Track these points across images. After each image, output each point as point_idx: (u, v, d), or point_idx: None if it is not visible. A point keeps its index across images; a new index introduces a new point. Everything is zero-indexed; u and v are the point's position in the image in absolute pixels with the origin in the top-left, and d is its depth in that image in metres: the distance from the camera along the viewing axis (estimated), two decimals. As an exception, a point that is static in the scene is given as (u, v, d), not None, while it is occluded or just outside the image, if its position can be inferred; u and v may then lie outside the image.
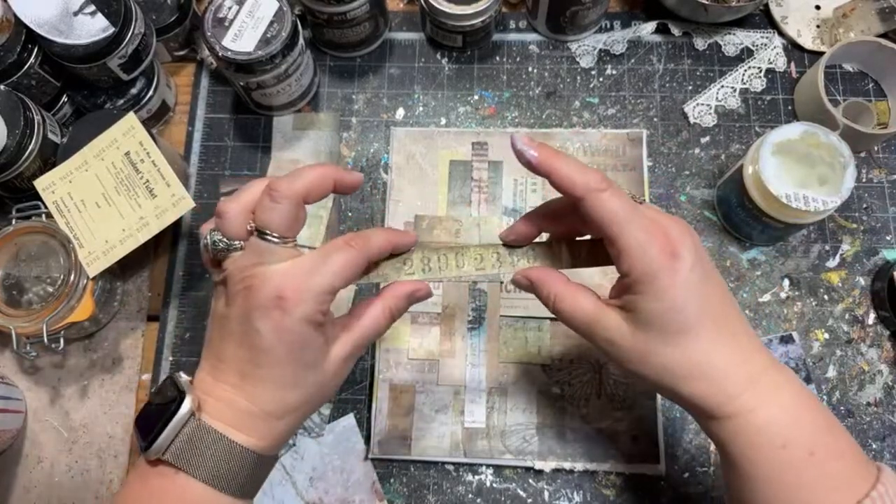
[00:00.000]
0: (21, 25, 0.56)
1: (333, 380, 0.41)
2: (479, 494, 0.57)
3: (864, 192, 0.64)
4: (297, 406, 0.40)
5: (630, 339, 0.38)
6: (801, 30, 0.68)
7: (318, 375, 0.39)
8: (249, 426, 0.38)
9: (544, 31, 0.69)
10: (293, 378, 0.38)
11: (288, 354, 0.38)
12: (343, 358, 0.40)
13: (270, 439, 0.39)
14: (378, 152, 0.67)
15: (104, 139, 0.58)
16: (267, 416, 0.38)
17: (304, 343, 0.38)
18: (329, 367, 0.40)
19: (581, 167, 0.37)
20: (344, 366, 0.41)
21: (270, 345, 0.37)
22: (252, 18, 0.58)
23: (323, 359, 0.39)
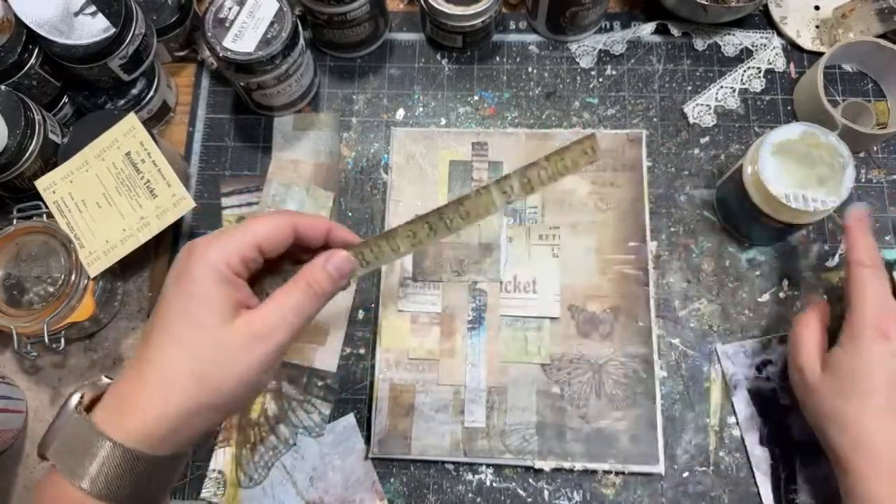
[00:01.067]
0: (22, 26, 0.56)
1: (234, 363, 0.34)
2: (479, 494, 0.57)
3: (863, 192, 0.64)
4: (181, 375, 0.34)
5: (817, 375, 0.48)
6: (800, 30, 0.68)
7: (209, 339, 0.34)
8: (131, 409, 0.34)
9: (544, 32, 0.69)
10: (179, 330, 0.34)
11: (176, 298, 0.35)
12: (246, 334, 0.35)
13: (152, 426, 0.33)
14: (378, 152, 0.67)
15: (105, 139, 0.58)
16: (150, 391, 0.34)
17: (197, 289, 0.34)
18: (226, 337, 0.34)
19: (871, 246, 0.49)
20: (250, 348, 0.35)
21: (165, 291, 0.35)
22: (252, 19, 0.58)
23: (216, 320, 0.34)
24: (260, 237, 0.36)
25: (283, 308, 0.36)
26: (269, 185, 0.65)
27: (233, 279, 0.36)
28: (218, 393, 0.34)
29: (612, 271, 0.61)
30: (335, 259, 0.38)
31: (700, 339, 0.60)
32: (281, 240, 0.38)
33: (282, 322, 0.36)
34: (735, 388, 0.58)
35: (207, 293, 0.35)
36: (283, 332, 0.36)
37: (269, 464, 0.58)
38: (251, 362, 0.35)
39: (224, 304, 0.35)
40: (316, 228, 0.39)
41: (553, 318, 0.59)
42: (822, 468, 0.56)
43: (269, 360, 0.35)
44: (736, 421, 0.58)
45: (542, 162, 0.40)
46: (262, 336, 0.35)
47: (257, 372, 0.35)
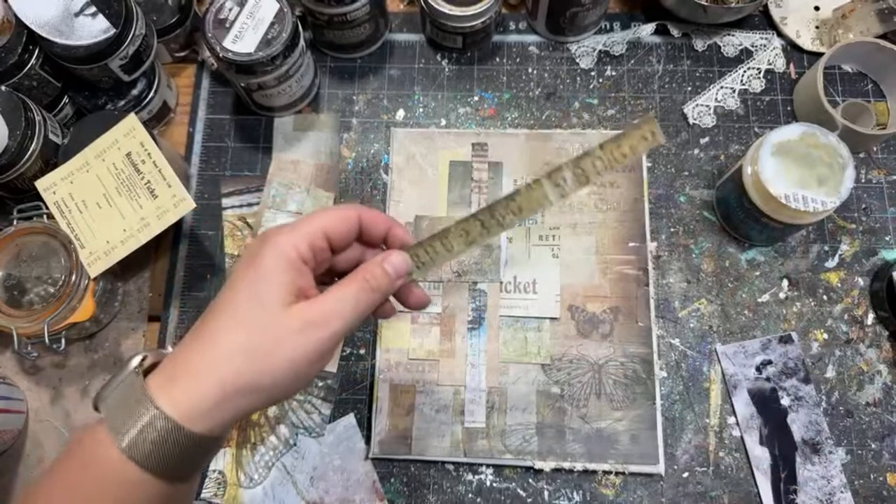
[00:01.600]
0: (22, 26, 0.56)
1: (287, 345, 0.35)
2: (479, 494, 0.57)
3: (862, 192, 0.64)
4: (235, 349, 0.34)
5: None
6: (800, 31, 0.69)
7: (267, 318, 0.35)
8: (182, 378, 0.34)
9: (544, 33, 0.69)
10: (241, 306, 0.35)
11: (243, 277, 0.36)
12: (302, 319, 0.35)
13: (197, 399, 0.33)
14: (378, 153, 0.67)
15: (105, 140, 0.58)
16: (204, 361, 0.34)
17: (264, 271, 0.35)
18: (284, 319, 0.35)
19: None
20: (305, 333, 0.35)
21: (235, 270, 0.36)
22: (253, 20, 0.58)
23: (277, 302, 0.35)
24: (327, 225, 0.37)
25: (339, 299, 0.36)
26: (270, 185, 0.65)
27: (299, 265, 0.36)
28: (267, 374, 0.34)
29: (612, 272, 0.61)
30: (392, 258, 0.39)
31: (700, 340, 0.60)
32: (347, 228, 0.38)
33: (337, 312, 0.36)
34: (735, 388, 0.58)
35: (273, 275, 0.35)
36: (337, 321, 0.36)
37: (269, 464, 0.58)
38: (304, 347, 0.35)
39: (287, 288, 0.35)
40: (378, 223, 0.40)
41: (553, 319, 0.60)
42: (822, 468, 0.56)
43: (321, 348, 0.35)
44: (736, 421, 0.58)
45: (596, 151, 0.38)
46: (317, 323, 0.35)
47: (308, 359, 0.35)
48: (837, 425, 0.58)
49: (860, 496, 0.56)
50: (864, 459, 0.57)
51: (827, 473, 0.56)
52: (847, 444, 0.57)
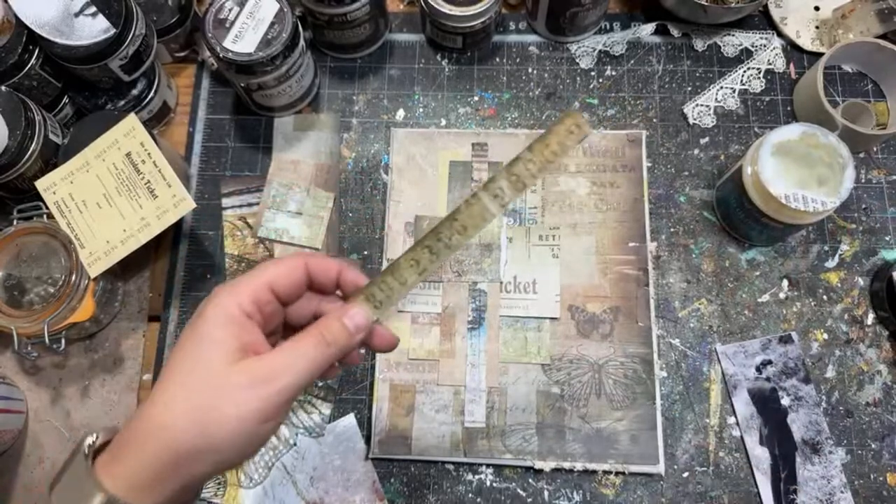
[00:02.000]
0: (22, 26, 0.56)
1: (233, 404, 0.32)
2: (479, 494, 0.57)
3: (862, 192, 0.64)
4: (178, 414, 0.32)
5: None
6: (800, 31, 0.69)
7: (211, 378, 0.33)
8: (125, 452, 0.33)
9: (544, 33, 0.69)
10: (183, 369, 0.34)
11: (186, 339, 0.34)
12: (249, 374, 0.33)
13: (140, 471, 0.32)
14: (378, 153, 0.67)
15: (105, 140, 0.58)
16: (146, 431, 0.33)
17: (206, 329, 0.34)
18: (228, 377, 0.33)
19: None
20: (252, 389, 0.33)
21: (181, 335, 0.35)
22: (253, 20, 0.58)
23: (221, 360, 0.33)
24: (272, 277, 0.36)
25: (291, 354, 0.35)
26: (270, 185, 0.65)
27: (242, 321, 0.35)
28: (212, 434, 0.32)
29: (611, 272, 0.61)
30: (352, 311, 0.37)
31: (700, 340, 0.60)
32: (294, 279, 0.37)
33: (288, 366, 0.34)
34: (735, 388, 0.58)
35: (214, 333, 0.34)
36: (287, 376, 0.34)
37: (269, 464, 0.58)
38: (252, 404, 0.33)
39: (230, 345, 0.34)
40: (327, 269, 0.38)
41: (553, 319, 0.60)
42: (822, 468, 0.56)
43: (272, 405, 0.33)
44: (736, 421, 0.58)
45: (525, 154, 0.37)
46: (265, 378, 0.33)
47: (257, 417, 0.33)
48: (837, 425, 0.58)
49: (860, 496, 0.56)
50: (864, 459, 0.57)
51: (827, 473, 0.56)
52: (847, 444, 0.57)
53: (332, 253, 0.39)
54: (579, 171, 0.64)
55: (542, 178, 0.37)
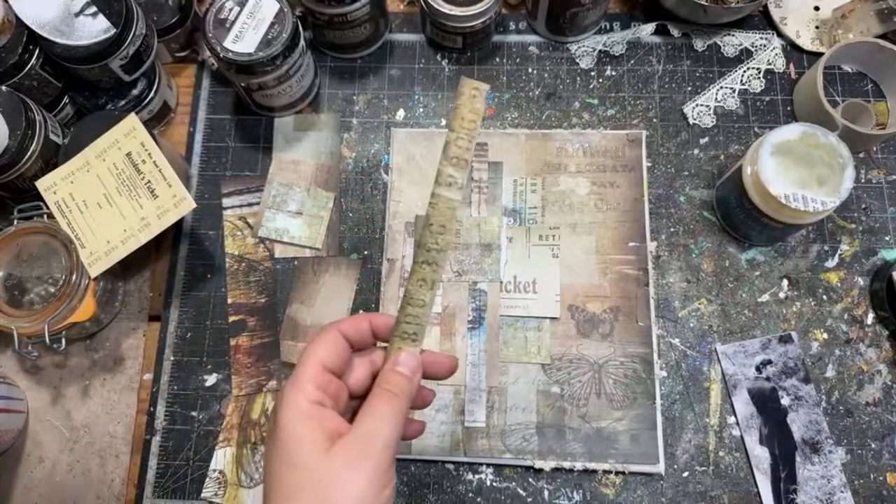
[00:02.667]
0: (22, 26, 0.56)
1: (344, 487, 0.34)
2: (479, 493, 0.57)
3: (862, 192, 0.64)
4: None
5: None
6: (800, 31, 0.69)
7: (312, 476, 0.34)
8: None
9: (544, 33, 0.70)
10: (285, 481, 0.35)
11: (275, 452, 0.35)
12: (346, 457, 0.34)
13: None
14: (378, 153, 0.67)
15: (106, 140, 0.58)
16: None
17: (288, 435, 0.35)
18: (328, 467, 0.34)
19: None
20: (355, 467, 0.34)
21: (266, 450, 0.36)
22: (253, 20, 0.58)
23: (315, 456, 0.35)
24: (322, 357, 0.38)
25: (371, 420, 0.36)
26: (270, 185, 0.65)
27: (317, 412, 0.36)
28: None
29: (611, 271, 0.61)
30: (400, 358, 0.39)
31: (700, 339, 0.60)
32: (338, 351, 0.38)
33: (373, 432, 0.36)
34: (735, 387, 0.58)
35: (297, 434, 0.35)
36: (377, 441, 0.35)
37: (269, 464, 0.58)
38: (359, 481, 0.34)
39: (317, 437, 0.35)
40: (359, 327, 0.40)
41: (553, 318, 0.60)
42: (822, 468, 0.56)
43: (378, 474, 0.35)
44: (736, 421, 0.58)
45: (451, 136, 0.39)
46: (360, 454, 0.35)
47: (370, 490, 0.34)
48: (837, 425, 0.58)
49: (860, 496, 0.56)
50: (864, 459, 0.57)
51: (827, 473, 0.56)
52: (847, 444, 0.57)
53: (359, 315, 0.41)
54: (579, 171, 0.64)
55: (474, 146, 0.39)
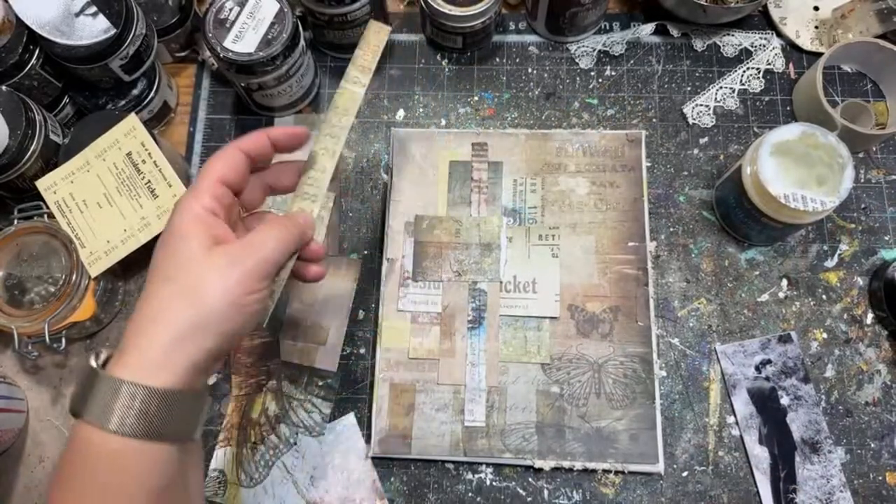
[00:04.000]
0: (23, 26, 0.56)
1: (218, 278, 0.36)
2: (478, 493, 0.57)
3: (862, 192, 0.64)
4: (169, 301, 0.36)
5: None
6: (799, 31, 0.69)
7: (193, 265, 0.37)
8: (130, 346, 0.36)
9: (544, 33, 0.70)
10: (166, 267, 0.37)
11: (163, 245, 0.38)
12: (227, 255, 0.37)
13: (147, 355, 0.35)
14: (378, 153, 0.67)
15: (106, 140, 0.58)
16: (143, 323, 0.36)
17: (177, 231, 0.38)
18: (208, 260, 0.37)
19: None
20: (233, 263, 0.37)
21: (156, 246, 0.39)
22: (253, 20, 0.58)
23: (198, 251, 0.37)
24: (219, 171, 0.40)
25: (260, 234, 0.39)
26: (270, 185, 0.65)
27: (207, 217, 0.39)
28: (204, 308, 0.36)
29: (611, 271, 0.61)
30: (298, 216, 0.43)
31: (699, 339, 0.60)
32: (237, 167, 0.41)
33: (261, 244, 0.39)
34: (734, 387, 0.58)
35: (186, 232, 0.38)
36: (262, 251, 0.38)
37: (269, 463, 0.58)
38: (234, 276, 0.37)
39: (204, 237, 0.38)
40: (259, 142, 0.42)
41: (553, 318, 0.60)
42: (822, 468, 0.56)
43: (252, 277, 0.37)
44: (735, 420, 0.58)
45: (358, 52, 0.49)
46: (241, 255, 0.38)
47: (241, 289, 0.37)
48: (837, 424, 0.58)
49: (859, 495, 0.56)
50: (864, 459, 0.57)
51: (826, 473, 0.56)
52: (846, 444, 0.57)
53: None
54: (579, 171, 0.64)
55: (375, 63, 0.50)
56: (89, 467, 0.34)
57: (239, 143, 0.42)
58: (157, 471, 0.35)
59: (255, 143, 0.42)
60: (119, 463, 0.34)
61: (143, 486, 0.34)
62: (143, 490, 0.34)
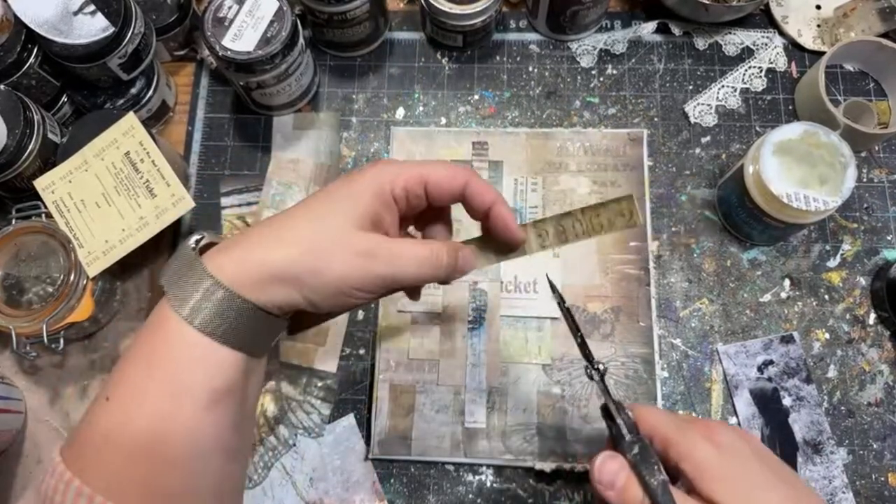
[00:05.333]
0: (21, 25, 0.56)
1: (342, 260, 0.35)
2: (479, 494, 0.57)
3: (864, 191, 0.64)
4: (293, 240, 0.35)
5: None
6: (801, 29, 0.68)
7: (337, 228, 0.36)
8: (234, 251, 0.35)
9: (544, 31, 0.69)
10: (319, 209, 0.36)
11: (335, 187, 0.37)
12: (367, 246, 0.35)
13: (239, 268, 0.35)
14: (378, 152, 0.67)
15: (104, 139, 0.58)
16: (259, 240, 0.35)
17: (355, 189, 0.36)
18: (352, 237, 0.36)
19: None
20: (364, 257, 0.35)
21: (335, 180, 0.38)
22: (252, 18, 0.58)
23: (353, 220, 0.36)
24: (431, 175, 0.38)
25: (409, 250, 0.37)
26: (269, 184, 0.65)
27: (388, 200, 0.37)
28: (313, 273, 0.35)
29: (612, 271, 0.60)
30: (467, 253, 0.40)
31: (701, 340, 0.60)
32: (450, 189, 0.38)
33: (400, 258, 0.36)
34: (736, 388, 0.58)
35: (360, 197, 0.36)
36: (395, 266, 0.36)
37: (268, 464, 0.57)
38: (356, 271, 0.35)
39: (368, 214, 0.36)
40: (483, 195, 0.39)
41: (553, 319, 0.59)
42: (824, 469, 0.56)
43: (369, 281, 0.36)
44: (737, 421, 0.58)
45: (577, 213, 0.40)
46: (378, 257, 0.36)
47: (355, 283, 0.35)
48: (839, 425, 0.57)
49: (862, 496, 0.55)
50: (866, 459, 0.56)
51: (828, 473, 0.56)
52: (849, 444, 0.57)
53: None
54: (580, 170, 0.64)
55: (584, 240, 0.40)
56: (161, 350, 0.34)
57: (471, 177, 0.38)
58: (221, 374, 0.34)
59: (482, 192, 0.39)
60: (189, 354, 0.34)
61: (206, 384, 0.34)
62: (205, 389, 0.34)
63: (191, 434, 0.33)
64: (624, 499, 0.37)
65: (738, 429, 0.40)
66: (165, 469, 0.33)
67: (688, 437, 0.38)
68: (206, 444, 0.34)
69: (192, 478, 0.34)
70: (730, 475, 0.36)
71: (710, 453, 0.37)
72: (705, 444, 0.37)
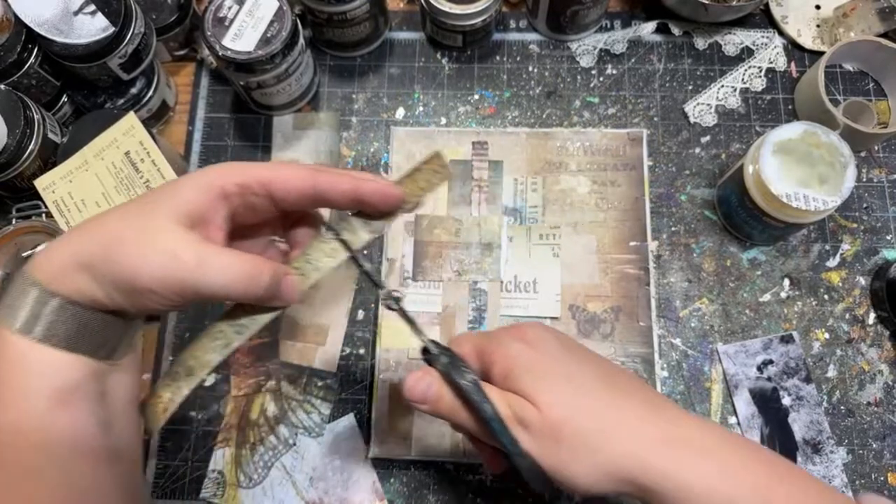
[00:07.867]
0: (21, 25, 0.56)
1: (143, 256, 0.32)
2: (479, 494, 0.57)
3: (864, 191, 0.64)
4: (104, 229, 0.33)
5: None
6: (801, 29, 0.68)
7: (149, 221, 0.33)
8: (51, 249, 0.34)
9: (544, 31, 0.69)
10: (139, 201, 0.35)
11: (167, 183, 0.35)
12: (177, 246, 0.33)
13: (53, 261, 0.33)
14: (378, 152, 0.67)
15: (104, 139, 0.58)
16: (71, 234, 0.34)
17: (179, 184, 0.34)
18: (163, 233, 0.33)
19: None
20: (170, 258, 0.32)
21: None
22: (252, 18, 0.58)
23: (171, 215, 0.33)
24: (276, 176, 0.35)
25: (222, 259, 0.33)
26: (269, 184, 0.65)
27: (214, 196, 0.34)
28: (104, 263, 0.32)
29: (612, 271, 0.61)
30: (293, 280, 0.37)
31: (701, 339, 0.60)
32: (298, 187, 0.35)
33: (209, 266, 0.33)
34: (736, 388, 0.58)
35: (182, 189, 0.34)
36: (199, 274, 0.33)
37: (268, 464, 0.58)
38: (152, 271, 0.32)
39: (186, 209, 0.34)
40: (339, 188, 0.36)
41: (554, 318, 0.59)
42: (823, 468, 0.56)
43: (170, 283, 0.32)
44: (737, 421, 0.58)
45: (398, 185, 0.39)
46: (182, 260, 0.32)
47: (149, 285, 0.32)
48: (839, 425, 0.57)
49: (861, 496, 0.55)
50: (866, 459, 0.57)
51: (828, 473, 0.56)
52: (848, 444, 0.57)
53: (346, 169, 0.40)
54: (580, 170, 0.64)
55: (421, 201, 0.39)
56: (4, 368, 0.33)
57: (318, 174, 0.36)
58: (57, 374, 0.33)
59: (335, 186, 0.36)
60: (14, 358, 0.32)
61: (44, 385, 0.32)
62: (42, 391, 0.32)
63: (42, 436, 0.32)
64: (438, 408, 0.38)
65: (545, 325, 0.40)
66: (27, 476, 0.32)
67: (498, 341, 0.39)
68: (63, 446, 0.33)
69: (57, 483, 0.33)
70: (538, 365, 0.37)
71: (518, 349, 0.38)
72: (513, 342, 0.38)
